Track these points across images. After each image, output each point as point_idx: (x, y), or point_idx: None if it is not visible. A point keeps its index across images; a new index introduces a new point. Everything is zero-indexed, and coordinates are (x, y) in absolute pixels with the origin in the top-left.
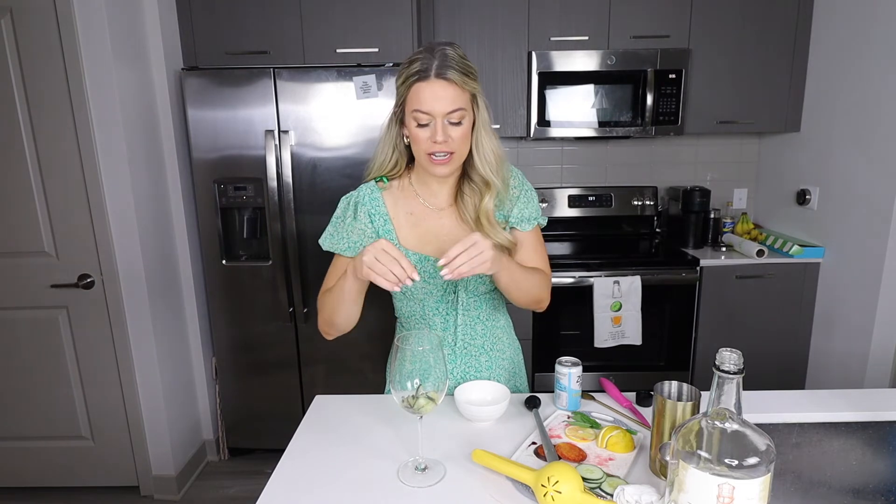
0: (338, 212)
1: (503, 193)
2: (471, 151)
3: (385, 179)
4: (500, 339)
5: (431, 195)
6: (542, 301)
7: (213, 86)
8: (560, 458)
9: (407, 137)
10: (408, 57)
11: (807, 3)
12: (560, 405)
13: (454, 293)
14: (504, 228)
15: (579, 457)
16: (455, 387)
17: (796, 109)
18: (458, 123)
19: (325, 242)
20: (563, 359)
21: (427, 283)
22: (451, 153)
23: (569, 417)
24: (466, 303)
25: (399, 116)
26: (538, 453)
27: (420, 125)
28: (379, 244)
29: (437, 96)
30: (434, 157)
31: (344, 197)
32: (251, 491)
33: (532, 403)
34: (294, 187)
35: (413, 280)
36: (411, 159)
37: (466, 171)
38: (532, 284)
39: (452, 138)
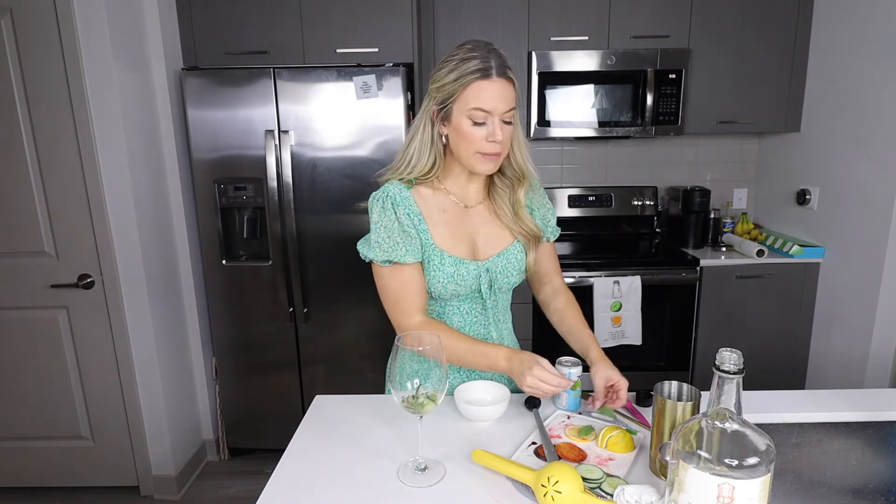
0: (375, 216)
1: (535, 183)
2: (512, 147)
3: (413, 181)
4: (504, 339)
5: (463, 193)
6: None
7: (213, 86)
8: (560, 458)
9: (445, 137)
10: (450, 55)
11: (807, 3)
12: (560, 405)
13: (479, 294)
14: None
15: (579, 457)
16: (455, 387)
17: (796, 109)
18: (510, 122)
19: (379, 254)
20: (563, 359)
21: (459, 284)
22: (500, 153)
23: (569, 417)
24: (489, 304)
25: (443, 115)
26: (538, 453)
27: (476, 124)
28: (538, 375)
29: (501, 95)
30: (486, 155)
31: (373, 199)
32: (251, 491)
33: (532, 403)
34: (294, 187)
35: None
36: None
37: (502, 167)
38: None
39: (505, 138)
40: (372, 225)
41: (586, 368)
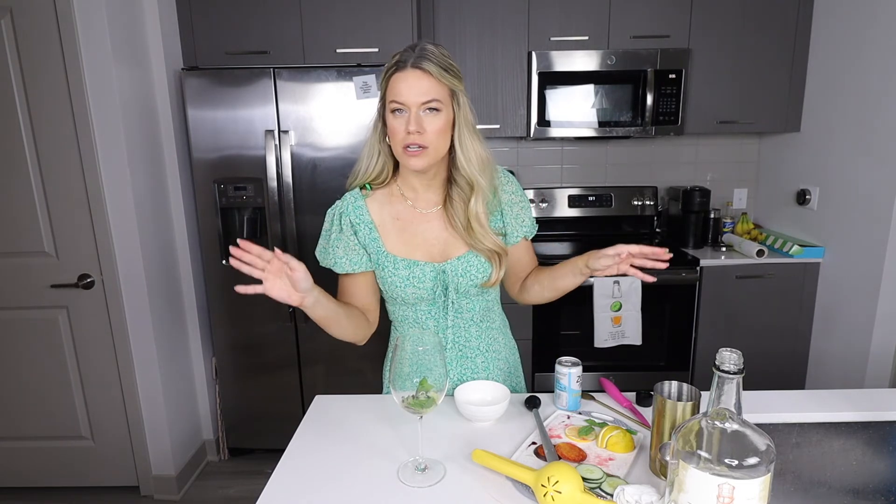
0: (325, 225)
1: (489, 196)
2: (455, 152)
3: (369, 187)
4: (495, 339)
5: (418, 197)
6: None
7: (213, 86)
8: (560, 458)
9: (388, 136)
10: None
11: (807, 3)
12: (560, 405)
13: (444, 296)
14: (498, 235)
15: (579, 457)
16: (455, 387)
17: (796, 109)
18: (434, 117)
19: (320, 258)
20: (563, 359)
21: (417, 287)
22: (425, 147)
23: (569, 417)
24: (458, 305)
25: (382, 114)
26: (538, 453)
27: (395, 112)
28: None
29: (411, 85)
30: (408, 149)
31: (329, 209)
32: (251, 491)
33: (532, 403)
34: (294, 187)
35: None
36: (397, 165)
37: (453, 175)
38: None
39: (427, 130)
40: (322, 232)
41: (586, 369)
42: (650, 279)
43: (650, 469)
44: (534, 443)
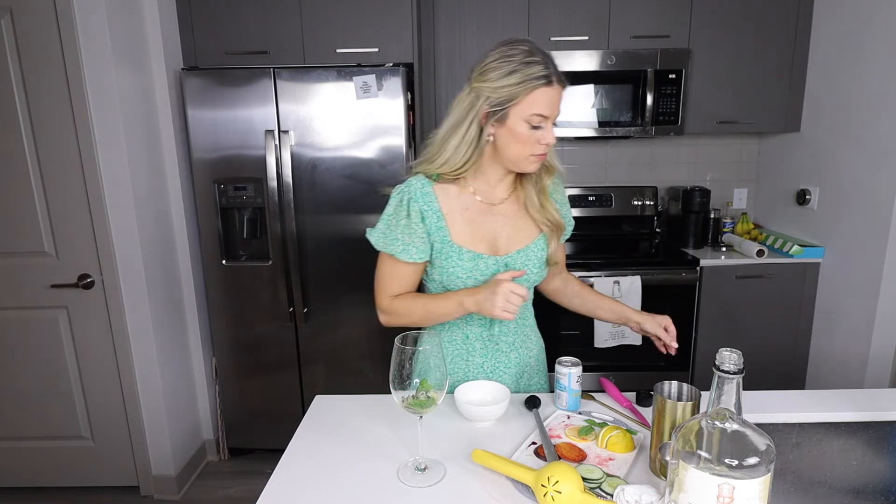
0: (389, 208)
1: (559, 177)
2: None
3: (436, 176)
4: (528, 336)
5: (491, 191)
6: None
7: (213, 86)
8: (560, 458)
9: (491, 136)
10: (506, 55)
11: (807, 3)
12: (560, 405)
13: None
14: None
15: (579, 457)
16: (455, 387)
17: (796, 109)
18: (555, 124)
19: (378, 241)
20: (564, 359)
21: (478, 279)
22: (545, 154)
23: (569, 417)
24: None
25: (496, 116)
26: (538, 453)
27: (534, 128)
28: (506, 287)
29: (557, 103)
30: (538, 157)
31: (395, 192)
32: (251, 491)
33: (532, 403)
34: (294, 187)
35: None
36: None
37: None
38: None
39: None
40: (384, 214)
41: (586, 369)
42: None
43: (650, 469)
44: (534, 443)
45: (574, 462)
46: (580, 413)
